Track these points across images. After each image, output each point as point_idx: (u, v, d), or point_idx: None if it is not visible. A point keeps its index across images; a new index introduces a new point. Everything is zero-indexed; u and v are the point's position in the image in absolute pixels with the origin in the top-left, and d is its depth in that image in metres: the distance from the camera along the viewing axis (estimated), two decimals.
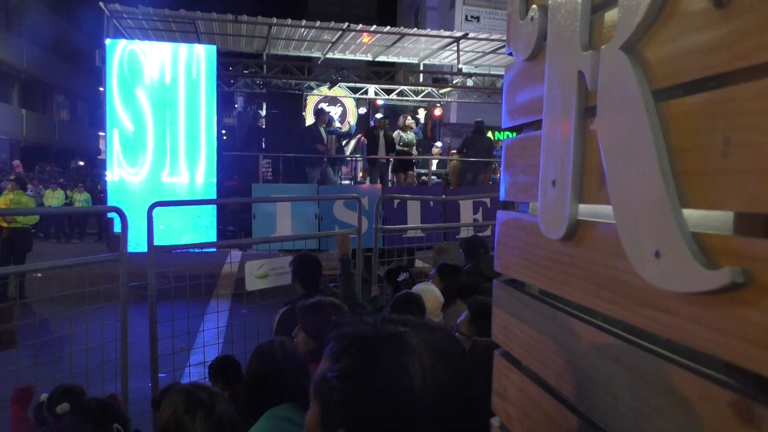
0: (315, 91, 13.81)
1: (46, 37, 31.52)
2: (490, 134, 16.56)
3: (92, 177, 21.83)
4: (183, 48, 10.29)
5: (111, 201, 9.35)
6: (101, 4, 10.13)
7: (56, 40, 32.43)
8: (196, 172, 9.64)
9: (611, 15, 0.85)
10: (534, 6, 1.08)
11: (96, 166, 31.73)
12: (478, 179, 11.61)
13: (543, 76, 1.04)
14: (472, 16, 18.84)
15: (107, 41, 9.75)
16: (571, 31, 0.93)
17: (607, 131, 0.82)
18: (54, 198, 16.40)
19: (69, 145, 34.29)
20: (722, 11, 0.62)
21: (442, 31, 12.68)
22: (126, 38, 11.10)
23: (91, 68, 11.53)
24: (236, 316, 5.66)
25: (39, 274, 8.61)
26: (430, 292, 3.76)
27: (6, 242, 9.16)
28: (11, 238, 9.19)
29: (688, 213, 0.67)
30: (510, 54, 1.21)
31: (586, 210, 0.93)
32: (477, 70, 14.16)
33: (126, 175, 9.41)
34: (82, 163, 30.14)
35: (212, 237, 9.45)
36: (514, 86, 1.21)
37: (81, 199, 16.67)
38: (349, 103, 15.61)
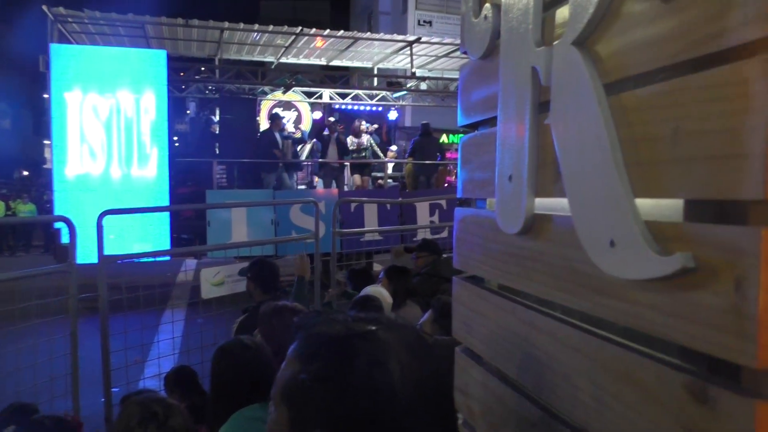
0: (269, 96, 13.68)
1: None
2: (444, 137, 16.74)
3: (37, 187, 21.03)
4: (132, 53, 10.05)
5: (58, 210, 9.03)
6: (44, 7, 9.78)
7: None
8: (148, 177, 9.43)
9: (563, 12, 0.87)
10: (487, 5, 1.09)
11: (41, 175, 30.62)
12: (431, 181, 11.71)
13: (497, 73, 1.05)
14: (424, 21, 19.01)
15: (51, 46, 9.43)
16: (524, 29, 0.94)
17: (561, 125, 0.83)
18: None
19: (12, 153, 32.97)
20: (669, 5, 0.64)
21: (395, 35, 12.75)
22: (72, 43, 10.77)
23: (36, 75, 11.11)
24: (192, 325, 5.54)
25: None
26: (379, 293, 3.80)
27: None
28: None
29: (641, 202, 0.69)
30: (464, 53, 1.22)
31: (542, 203, 0.94)
32: (430, 74, 14.29)
33: (74, 185, 9.10)
34: (26, 173, 29.02)
35: (165, 245, 9.23)
36: (469, 84, 1.23)
37: (25, 210, 16.07)
38: (304, 108, 15.53)
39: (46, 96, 9.88)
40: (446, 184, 12.37)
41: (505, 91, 1.02)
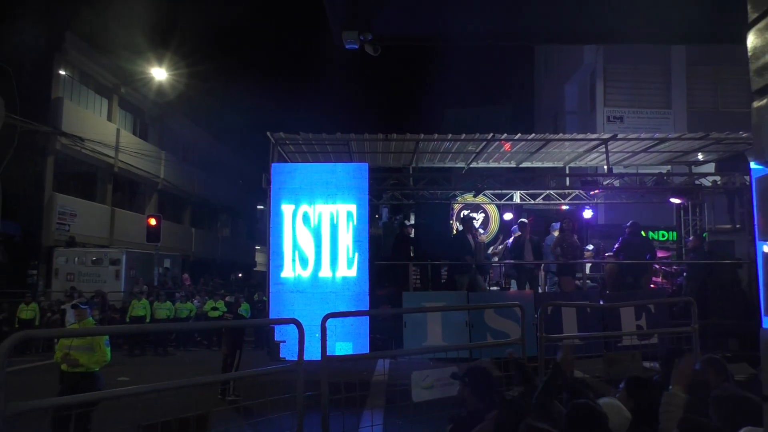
0: (459, 199, 14.11)
1: (213, 164, 35.77)
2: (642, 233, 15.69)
3: (249, 288, 23.38)
4: (338, 167, 11.11)
5: (273, 310, 9.92)
6: (268, 134, 11.32)
7: (221, 166, 36.67)
8: (351, 280, 10.04)
9: None
10: None
11: (252, 277, 34.21)
12: (639, 282, 10.93)
13: None
14: (614, 117, 18.53)
15: (273, 165, 10.79)
16: None
17: None
18: (215, 309, 17.67)
19: (229, 258, 37.48)
20: None
21: (588, 134, 12.54)
22: (287, 161, 12.23)
23: (251, 188, 12.71)
24: (394, 427, 5.60)
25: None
26: (615, 408, 3.43)
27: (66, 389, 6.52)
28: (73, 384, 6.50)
29: None
30: (761, 164, 1.17)
31: None
32: (626, 170, 13.75)
33: (287, 287, 9.98)
34: (240, 275, 32.61)
35: (365, 344, 9.60)
36: None
37: (241, 309, 17.81)
38: (491, 210, 15.71)
39: (259, 207, 11.24)
40: (652, 285, 11.45)
41: None
